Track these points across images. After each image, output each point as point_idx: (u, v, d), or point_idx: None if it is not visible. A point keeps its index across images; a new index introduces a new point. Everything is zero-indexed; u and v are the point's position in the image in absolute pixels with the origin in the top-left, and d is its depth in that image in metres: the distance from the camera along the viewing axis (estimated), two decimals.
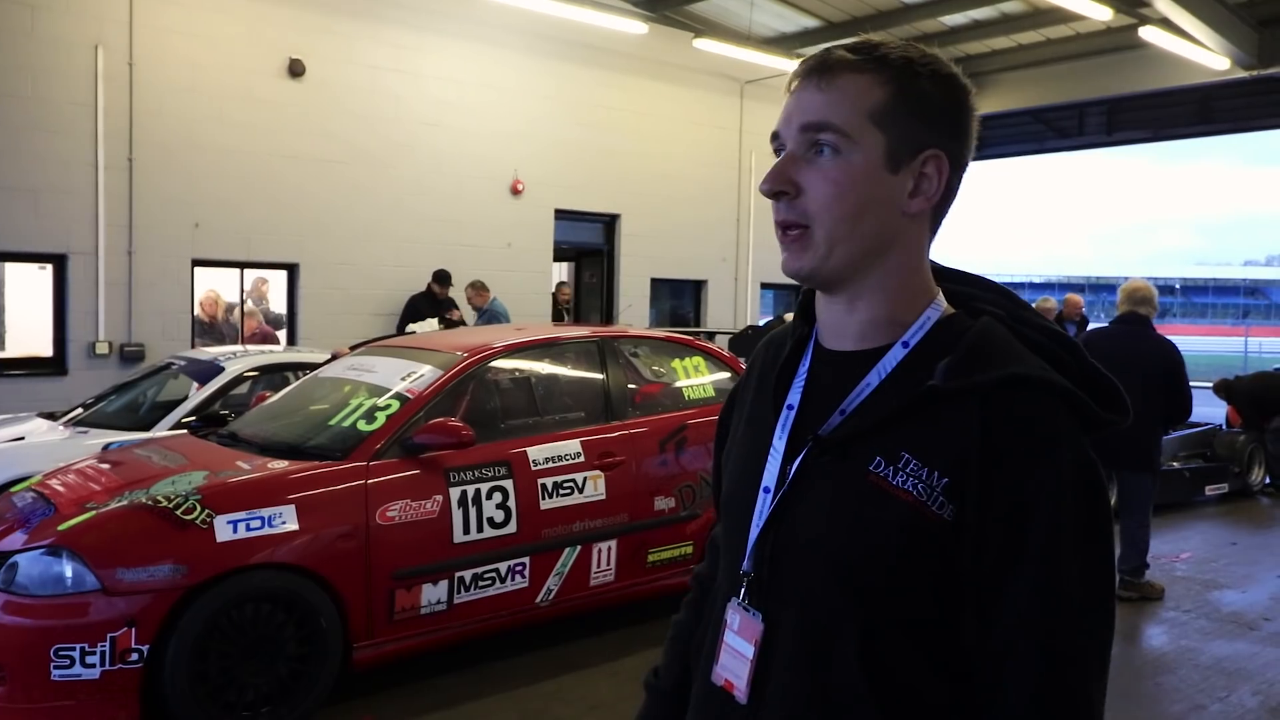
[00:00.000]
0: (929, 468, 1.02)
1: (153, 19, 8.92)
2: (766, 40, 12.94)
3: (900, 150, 1.06)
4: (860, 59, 1.06)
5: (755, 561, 1.11)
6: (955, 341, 1.06)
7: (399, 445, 4.10)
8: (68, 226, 8.62)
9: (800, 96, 1.07)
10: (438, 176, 10.80)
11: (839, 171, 1.05)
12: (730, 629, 1.13)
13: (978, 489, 1.00)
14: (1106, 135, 16.47)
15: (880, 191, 1.06)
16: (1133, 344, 5.41)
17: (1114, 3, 10.03)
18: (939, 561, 1.01)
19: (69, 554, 3.40)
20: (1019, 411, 1.01)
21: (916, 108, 1.06)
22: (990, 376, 1.02)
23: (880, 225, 1.07)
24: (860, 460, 1.05)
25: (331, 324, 10.09)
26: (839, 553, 1.05)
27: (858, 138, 1.04)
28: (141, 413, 6.20)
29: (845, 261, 1.07)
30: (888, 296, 1.10)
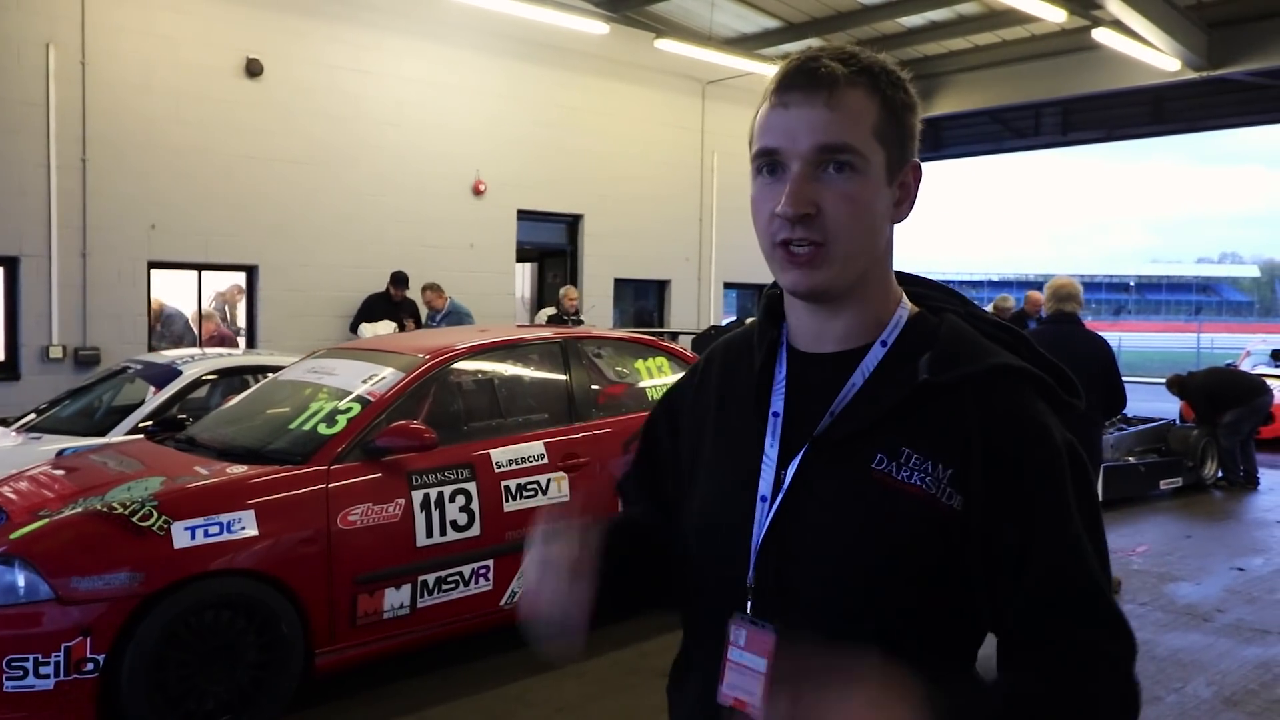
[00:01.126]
0: (932, 460, 1.04)
1: (105, 17, 8.77)
2: (727, 41, 12.99)
3: (894, 165, 1.09)
4: (852, 71, 1.06)
5: (760, 572, 1.10)
6: (929, 338, 1.10)
7: (361, 448, 4.06)
8: (19, 228, 8.44)
9: (804, 112, 1.05)
10: (399, 177, 10.72)
11: (856, 190, 1.05)
12: (736, 645, 1.10)
13: (983, 476, 1.03)
14: (1062, 135, 16.74)
15: (883, 206, 1.09)
16: (1066, 342, 5.44)
17: (1067, 5, 10.19)
18: (948, 551, 1.04)
19: (21, 563, 3.33)
20: (1010, 399, 1.07)
21: (900, 120, 1.10)
22: (978, 368, 1.07)
23: (882, 238, 1.11)
24: (861, 459, 1.06)
25: (291, 326, 9.98)
26: (853, 551, 1.06)
27: (870, 156, 1.06)
28: (97, 417, 6.09)
29: (856, 275, 1.09)
30: (871, 301, 1.13)
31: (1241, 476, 9.27)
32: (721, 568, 1.14)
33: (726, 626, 1.11)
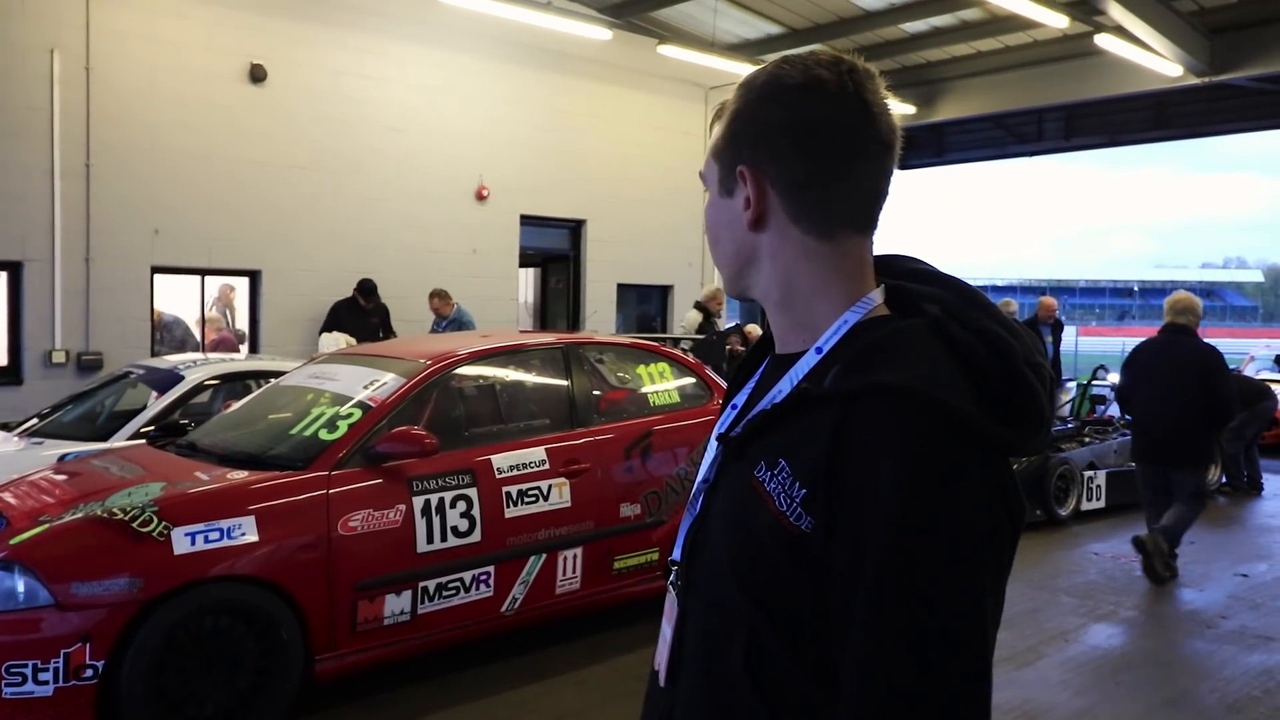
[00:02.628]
0: (794, 477, 1.00)
1: (110, 23, 8.79)
2: (730, 47, 13.00)
3: (728, 175, 1.14)
4: (722, 104, 1.17)
5: (684, 550, 1.18)
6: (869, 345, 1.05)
7: (361, 454, 4.06)
8: (23, 233, 8.46)
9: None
10: (402, 182, 10.73)
11: (706, 211, 1.21)
12: (668, 610, 1.20)
13: (824, 504, 0.96)
14: (1065, 140, 16.72)
15: (724, 217, 1.17)
16: (1172, 350, 6.02)
17: (1070, 11, 10.19)
18: (802, 571, 0.98)
19: (21, 568, 3.33)
20: (864, 424, 0.96)
21: (732, 132, 1.14)
22: (855, 384, 0.99)
23: (735, 246, 1.16)
24: (750, 463, 1.07)
25: (294, 331, 9.99)
26: (725, 552, 1.08)
27: (709, 178, 1.18)
28: (99, 422, 6.10)
29: (729, 280, 1.20)
30: (784, 306, 1.14)
31: (1245, 482, 9.24)
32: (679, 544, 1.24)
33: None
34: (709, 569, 1.12)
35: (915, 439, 0.94)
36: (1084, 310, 74.29)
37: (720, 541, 1.10)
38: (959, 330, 1.05)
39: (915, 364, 1.00)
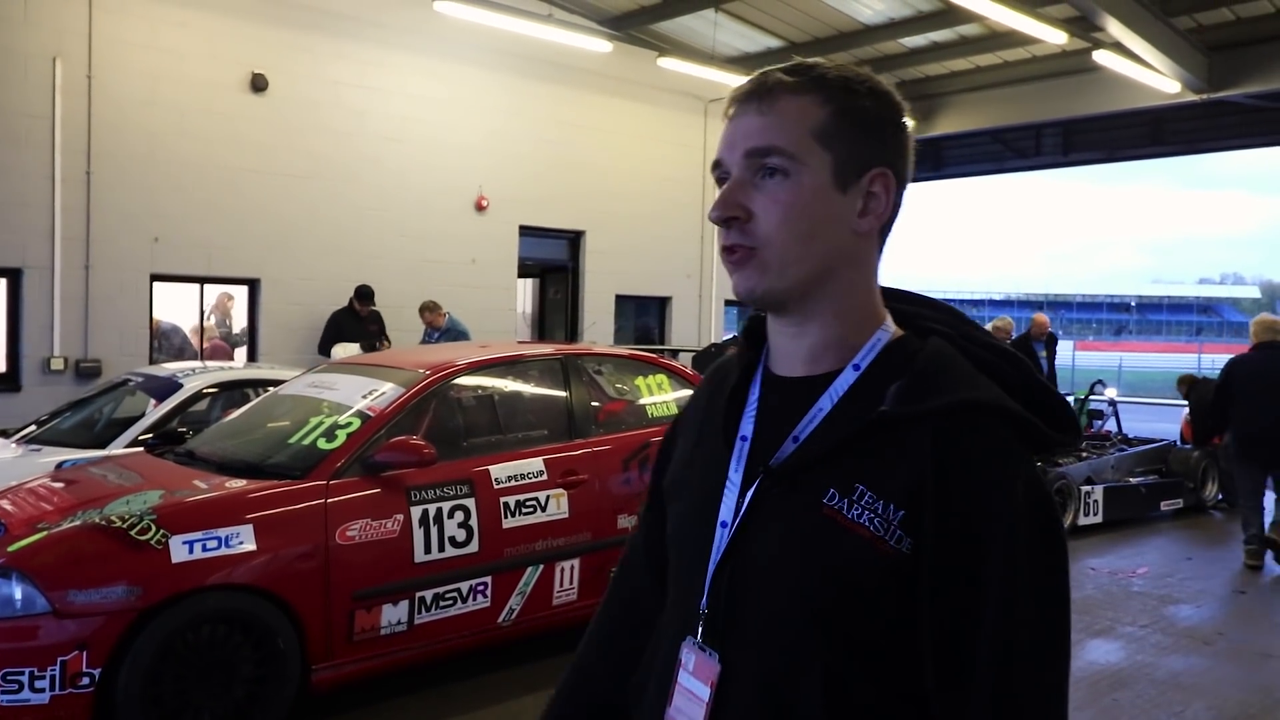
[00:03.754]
0: (884, 500, 0.98)
1: (112, 31, 8.82)
2: (730, 60, 13.06)
3: (847, 169, 1.04)
4: (798, 80, 1.05)
5: (712, 599, 1.07)
6: (906, 364, 1.04)
7: (360, 464, 4.06)
8: (23, 240, 8.47)
9: (741, 122, 1.06)
10: (401, 192, 10.76)
11: (788, 194, 1.03)
12: (685, 669, 1.08)
13: (934, 522, 0.96)
14: (1063, 155, 16.79)
15: (831, 211, 1.04)
16: (1269, 364, 6.83)
17: (1069, 27, 10.25)
18: (898, 595, 0.98)
19: (19, 575, 3.33)
20: (972, 440, 0.98)
21: (859, 125, 1.05)
22: (943, 402, 0.99)
23: (831, 245, 1.05)
24: (813, 492, 1.02)
25: (292, 340, 9.99)
26: (798, 588, 1.01)
27: (804, 159, 1.03)
28: (97, 430, 6.09)
29: (798, 282, 1.05)
30: (839, 318, 1.08)
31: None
32: (684, 590, 1.13)
33: (680, 649, 1.11)
34: (764, 613, 1.04)
35: (1017, 451, 1.00)
36: (1081, 325, 74.41)
37: (784, 581, 1.02)
38: (977, 349, 1.09)
39: (976, 381, 1.03)
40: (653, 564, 1.31)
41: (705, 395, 1.25)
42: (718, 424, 1.14)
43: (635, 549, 1.37)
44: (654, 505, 1.32)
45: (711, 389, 1.23)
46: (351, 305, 9.85)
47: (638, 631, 1.29)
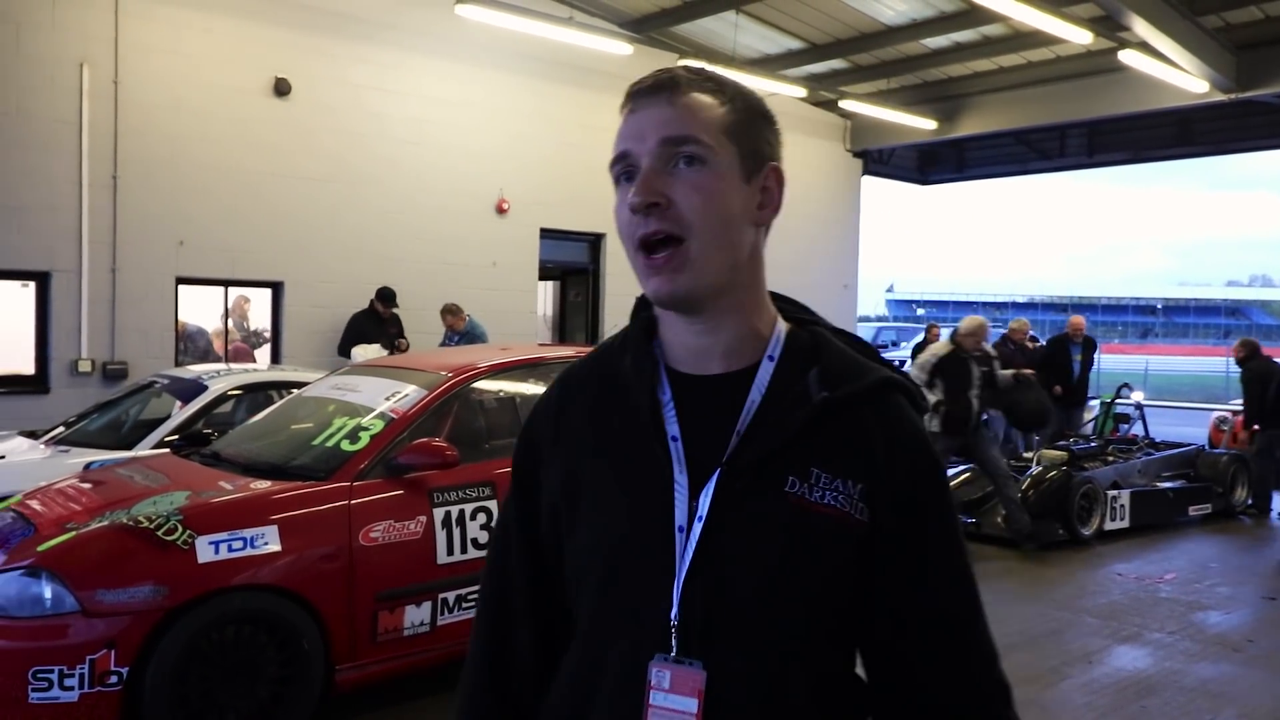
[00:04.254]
0: (842, 478, 1.05)
1: (138, 37, 8.92)
2: (750, 62, 13.04)
3: (750, 161, 1.09)
4: (700, 79, 1.09)
5: (685, 607, 1.04)
6: (810, 352, 1.12)
7: (383, 465, 4.08)
8: (51, 244, 8.57)
9: (650, 113, 1.07)
10: (422, 195, 10.80)
11: (708, 180, 1.05)
12: (658, 688, 1.04)
13: (888, 489, 1.06)
14: (1088, 156, 16.64)
15: (739, 201, 1.08)
16: None
17: (1094, 27, 10.16)
18: (859, 562, 1.07)
19: (48, 575, 3.36)
20: (900, 414, 1.10)
21: (754, 123, 1.11)
22: (868, 383, 1.09)
23: (742, 235, 1.09)
24: (775, 482, 1.05)
25: (314, 342, 10.05)
26: (781, 579, 1.03)
27: (717, 149, 1.06)
28: (124, 431, 6.15)
29: (718, 276, 1.06)
30: (749, 312, 1.12)
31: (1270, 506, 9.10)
32: (637, 607, 1.07)
33: (644, 669, 1.05)
34: (752, 609, 1.04)
35: (921, 420, 1.14)
36: (1106, 328, 73.67)
37: (768, 573, 1.04)
38: (843, 335, 1.19)
39: (871, 364, 1.14)
40: (536, 601, 1.22)
41: (583, 401, 1.19)
42: (637, 426, 1.10)
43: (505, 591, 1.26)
44: (530, 535, 1.22)
45: (591, 393, 1.18)
46: (373, 307, 9.89)
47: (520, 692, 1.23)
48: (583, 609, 1.13)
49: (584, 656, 1.13)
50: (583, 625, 1.14)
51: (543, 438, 1.21)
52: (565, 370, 1.25)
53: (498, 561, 1.28)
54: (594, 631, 1.12)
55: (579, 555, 1.13)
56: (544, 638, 1.21)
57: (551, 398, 1.23)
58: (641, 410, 1.10)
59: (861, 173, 16.20)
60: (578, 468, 1.15)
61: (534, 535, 1.21)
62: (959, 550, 1.12)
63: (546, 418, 1.21)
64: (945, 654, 1.08)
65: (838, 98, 13.71)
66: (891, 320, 49.53)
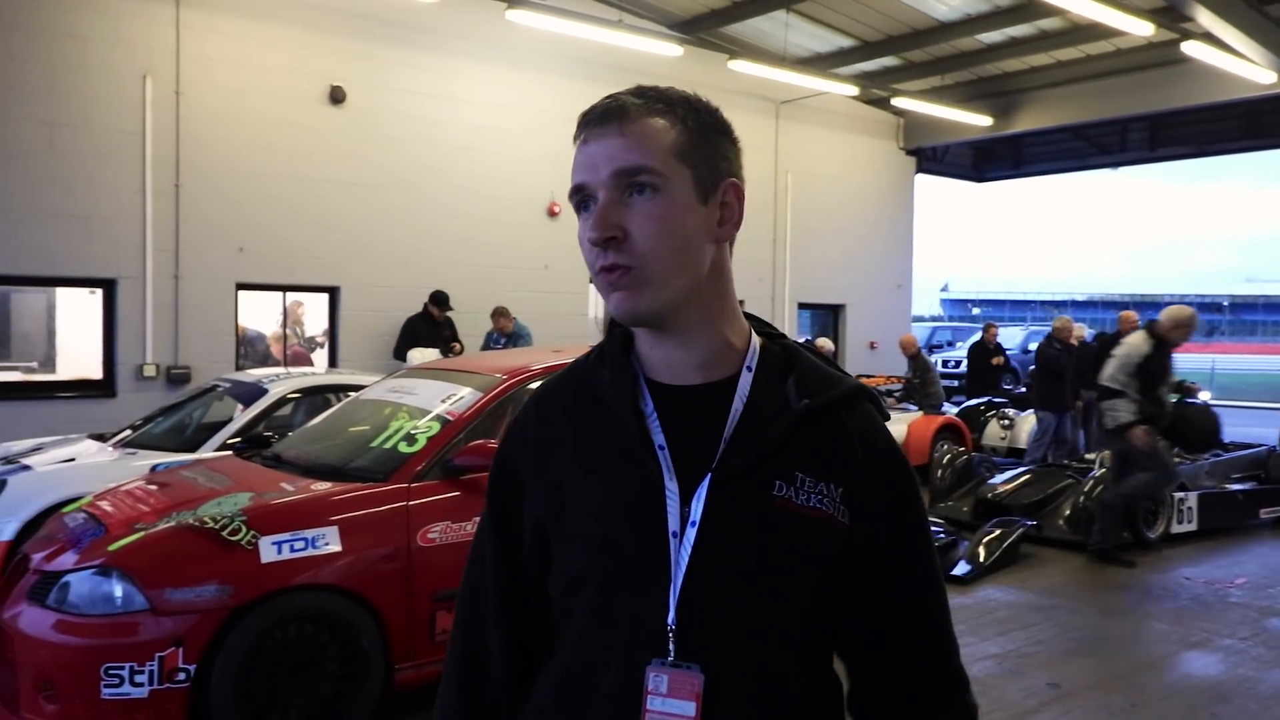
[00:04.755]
0: (825, 481, 1.10)
1: (199, 48, 9.13)
2: (801, 61, 12.95)
3: (705, 182, 1.10)
4: (647, 102, 1.11)
5: (683, 612, 1.06)
6: (784, 362, 1.17)
7: (440, 467, 4.11)
8: (117, 251, 8.81)
9: (601, 145, 1.09)
10: (475, 199, 10.90)
11: (661, 208, 1.07)
12: (655, 693, 1.06)
13: (866, 491, 1.12)
14: (1150, 151, 16.27)
15: (697, 223, 1.09)
16: None
17: (1156, 18, 9.92)
18: (842, 559, 1.12)
19: (119, 574, 3.45)
20: (873, 421, 1.17)
21: (708, 141, 1.11)
22: (842, 391, 1.15)
23: (701, 256, 1.10)
24: (763, 486, 1.09)
25: (370, 346, 10.20)
26: (775, 581, 1.08)
27: (670, 174, 1.07)
28: (187, 434, 6.29)
29: (676, 295, 1.08)
30: (720, 325, 1.14)
31: None
32: (633, 613, 1.08)
33: (640, 675, 1.06)
34: (748, 611, 1.07)
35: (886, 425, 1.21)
36: None
37: (763, 574, 1.07)
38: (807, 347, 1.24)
39: (840, 373, 1.20)
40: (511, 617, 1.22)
41: (563, 417, 1.19)
42: (623, 437, 1.12)
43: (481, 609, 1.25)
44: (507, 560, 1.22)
45: (572, 409, 1.19)
46: (427, 310, 10.00)
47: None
48: (576, 619, 1.14)
49: (575, 664, 1.13)
50: (574, 634, 1.14)
51: (522, 461, 1.21)
52: (540, 389, 1.26)
53: (473, 579, 1.28)
54: (588, 640, 1.12)
55: (571, 567, 1.14)
56: (518, 652, 1.22)
57: (528, 420, 1.23)
58: (627, 422, 1.12)
59: (915, 171, 16.00)
60: (564, 485, 1.16)
61: (512, 560, 1.22)
62: (930, 548, 1.19)
63: (524, 441, 1.21)
64: (918, 647, 1.15)
65: (890, 95, 13.57)
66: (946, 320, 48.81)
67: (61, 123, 8.49)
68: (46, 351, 9.26)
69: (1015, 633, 5.32)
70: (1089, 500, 7.28)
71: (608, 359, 1.19)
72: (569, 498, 1.15)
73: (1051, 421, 10.02)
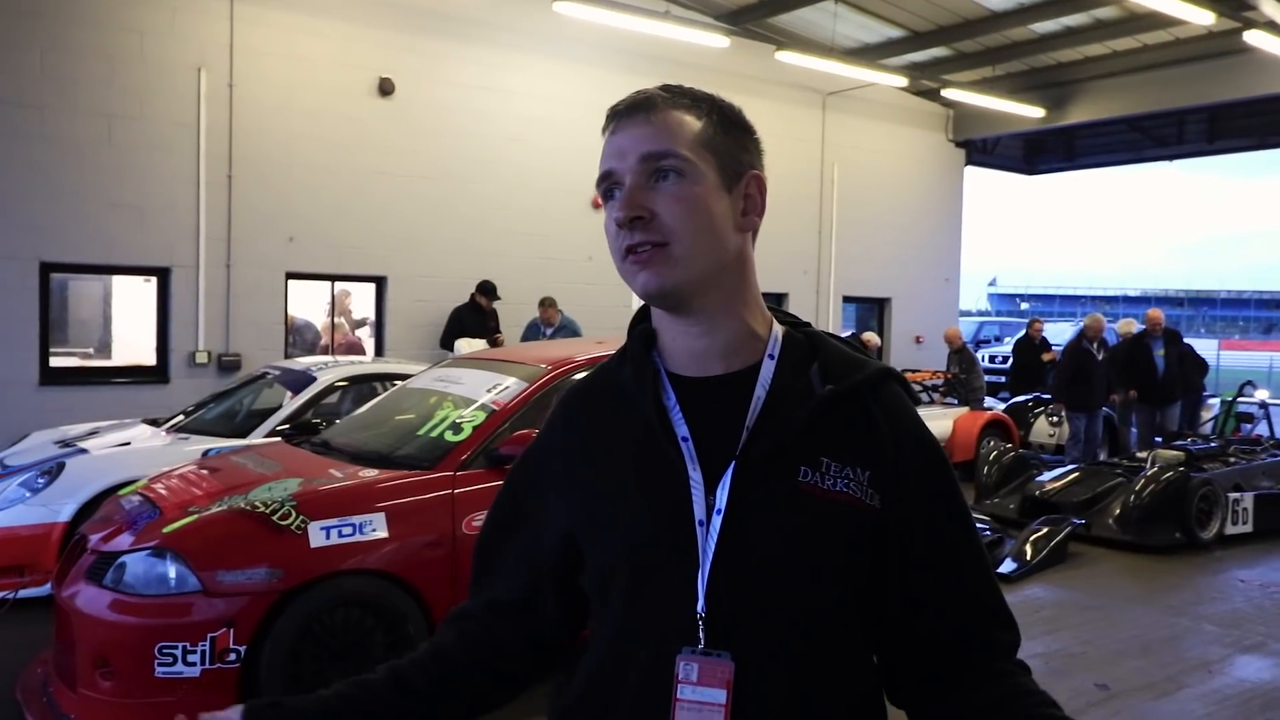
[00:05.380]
0: (851, 465, 1.11)
1: (251, 42, 9.28)
2: (849, 51, 12.82)
3: (729, 172, 1.13)
4: (674, 96, 1.15)
5: (712, 600, 1.07)
6: (807, 348, 1.17)
7: (485, 456, 4.15)
8: (171, 241, 8.99)
9: (630, 132, 1.12)
10: (521, 190, 10.95)
11: (687, 190, 1.09)
12: (686, 681, 1.07)
13: (896, 473, 1.12)
14: (1208, 144, 15.87)
15: (723, 209, 1.11)
16: None
17: (1216, 6, 9.66)
18: (874, 542, 1.12)
19: (173, 555, 3.53)
20: (901, 403, 1.18)
21: (731, 134, 1.15)
22: (868, 374, 1.16)
23: (725, 242, 1.12)
24: (787, 473, 1.09)
25: (416, 335, 10.31)
26: (802, 567, 1.08)
27: (696, 160, 1.10)
28: (238, 420, 6.41)
29: (702, 273, 1.10)
30: (744, 312, 1.16)
31: None
32: (663, 603, 1.10)
33: (670, 664, 1.07)
34: (776, 597, 1.08)
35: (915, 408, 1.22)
36: (1226, 323, 70.11)
37: (790, 560, 1.08)
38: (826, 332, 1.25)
39: (865, 357, 1.20)
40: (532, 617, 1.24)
41: (588, 418, 1.22)
42: (646, 431, 1.14)
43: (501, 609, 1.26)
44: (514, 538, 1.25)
45: (596, 409, 1.22)
46: (474, 300, 10.06)
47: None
48: (610, 611, 1.15)
49: (607, 655, 1.15)
50: (607, 626, 1.16)
51: (550, 473, 1.23)
52: (566, 392, 1.28)
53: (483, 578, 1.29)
54: (619, 631, 1.14)
55: (601, 564, 1.16)
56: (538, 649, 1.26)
57: (554, 425, 1.26)
58: (649, 416, 1.13)
59: (964, 163, 15.77)
60: (591, 486, 1.18)
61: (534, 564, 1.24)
62: (968, 526, 1.18)
63: (550, 447, 1.24)
64: (960, 619, 1.15)
65: (940, 86, 13.38)
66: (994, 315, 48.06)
67: (119, 114, 8.68)
68: (102, 338, 9.50)
69: (1062, 632, 5.25)
70: (1139, 499, 7.15)
71: (630, 356, 1.20)
72: (597, 498, 1.17)
73: (1082, 422, 9.83)
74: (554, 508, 1.21)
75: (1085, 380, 9.66)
